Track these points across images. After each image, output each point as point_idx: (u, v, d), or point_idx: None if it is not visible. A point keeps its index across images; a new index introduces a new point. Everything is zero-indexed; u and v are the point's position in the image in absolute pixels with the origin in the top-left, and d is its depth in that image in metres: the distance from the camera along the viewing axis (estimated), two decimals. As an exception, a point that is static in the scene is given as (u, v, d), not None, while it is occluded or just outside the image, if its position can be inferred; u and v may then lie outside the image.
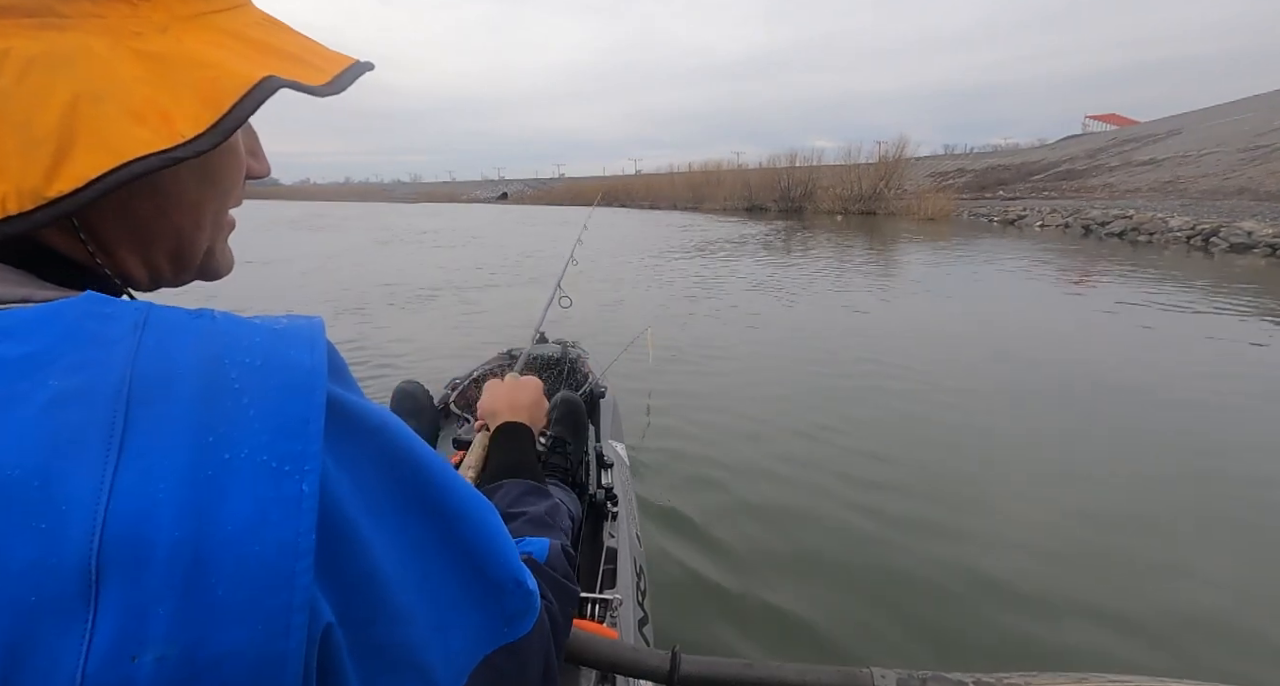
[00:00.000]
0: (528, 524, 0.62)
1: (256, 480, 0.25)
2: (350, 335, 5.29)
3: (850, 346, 5.23)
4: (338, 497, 0.27)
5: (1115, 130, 59.60)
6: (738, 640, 1.76)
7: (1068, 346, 5.24)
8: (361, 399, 0.31)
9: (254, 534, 0.24)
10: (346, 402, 0.30)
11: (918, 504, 2.52)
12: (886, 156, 38.11)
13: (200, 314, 0.29)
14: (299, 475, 0.25)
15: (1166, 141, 38.83)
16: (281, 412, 0.26)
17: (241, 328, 0.28)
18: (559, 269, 1.91)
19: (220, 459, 0.24)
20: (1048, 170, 42.15)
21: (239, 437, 0.25)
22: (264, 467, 0.25)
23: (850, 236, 18.26)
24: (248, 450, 0.25)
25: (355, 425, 0.30)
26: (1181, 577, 2.07)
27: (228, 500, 0.24)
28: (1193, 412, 3.65)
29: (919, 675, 0.61)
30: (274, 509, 0.24)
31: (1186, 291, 7.92)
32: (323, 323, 0.31)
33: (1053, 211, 22.70)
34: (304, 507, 0.25)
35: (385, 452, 0.31)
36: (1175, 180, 27.88)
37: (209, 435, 0.25)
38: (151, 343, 0.26)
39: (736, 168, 53.58)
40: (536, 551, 0.55)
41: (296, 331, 0.30)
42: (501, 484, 0.69)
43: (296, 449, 0.26)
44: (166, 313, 0.28)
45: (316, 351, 0.29)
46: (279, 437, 0.26)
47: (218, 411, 0.25)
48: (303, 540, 0.25)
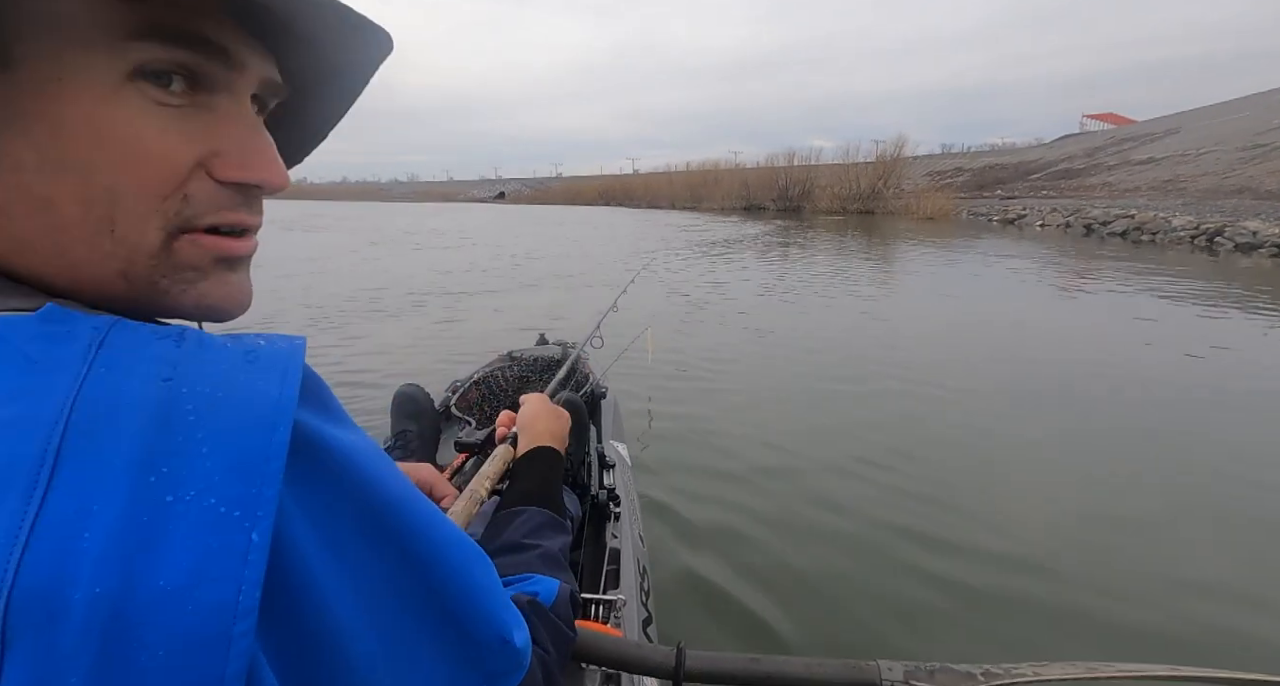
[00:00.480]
0: (540, 559, 0.59)
1: (200, 527, 0.22)
2: (326, 343, 5.04)
3: (852, 346, 5.20)
4: (296, 544, 0.25)
5: (1113, 129, 59.67)
6: (742, 638, 1.75)
7: (1071, 347, 5.18)
8: (340, 430, 0.29)
9: (188, 592, 0.21)
10: (317, 437, 0.27)
11: (922, 502, 2.52)
12: (885, 156, 38.09)
13: (169, 334, 0.26)
14: (250, 522, 0.23)
15: (1164, 140, 38.87)
16: (238, 450, 0.24)
17: (208, 352, 0.26)
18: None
19: (161, 501, 0.22)
20: (1046, 169, 42.18)
21: (187, 477, 0.22)
22: (211, 513, 0.22)
23: (851, 236, 18.19)
24: (195, 492, 0.22)
25: (325, 463, 0.27)
26: (1186, 573, 2.07)
27: (164, 550, 0.21)
28: (1210, 414, 3.61)
29: (926, 666, 0.60)
30: (216, 562, 0.22)
31: (1194, 292, 7.84)
32: (304, 344, 0.29)
33: (1053, 211, 22.67)
34: (250, 560, 0.22)
35: (357, 494, 0.28)
36: (1175, 179, 27.87)
37: (152, 474, 0.22)
38: (103, 368, 0.23)
39: (734, 167, 53.61)
40: (544, 592, 0.52)
41: (270, 357, 0.27)
42: (523, 510, 0.66)
43: (250, 492, 0.23)
44: (130, 332, 0.25)
45: (288, 380, 0.26)
46: (232, 478, 0.23)
47: (166, 447, 0.23)
48: (245, 598, 0.22)
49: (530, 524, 0.65)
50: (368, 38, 0.36)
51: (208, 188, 0.31)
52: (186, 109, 0.30)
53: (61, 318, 0.25)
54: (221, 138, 0.32)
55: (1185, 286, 8.22)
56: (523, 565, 0.58)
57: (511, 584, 0.54)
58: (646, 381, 3.87)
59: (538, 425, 0.81)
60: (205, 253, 0.32)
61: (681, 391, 3.91)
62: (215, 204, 0.32)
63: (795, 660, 0.63)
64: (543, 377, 1.97)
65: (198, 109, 0.31)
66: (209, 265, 0.32)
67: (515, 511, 0.67)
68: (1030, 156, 49.80)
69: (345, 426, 0.30)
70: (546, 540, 0.63)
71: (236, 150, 0.32)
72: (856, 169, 38.15)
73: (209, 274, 0.33)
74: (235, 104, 0.32)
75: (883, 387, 4.02)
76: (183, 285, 0.32)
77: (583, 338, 1.96)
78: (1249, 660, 1.68)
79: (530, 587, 0.53)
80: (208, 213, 0.32)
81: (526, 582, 0.54)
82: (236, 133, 0.32)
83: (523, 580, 0.54)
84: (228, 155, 0.32)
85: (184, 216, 0.31)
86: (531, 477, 0.74)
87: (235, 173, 0.32)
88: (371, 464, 0.30)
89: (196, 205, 0.31)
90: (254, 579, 0.22)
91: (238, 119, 0.32)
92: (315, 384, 0.29)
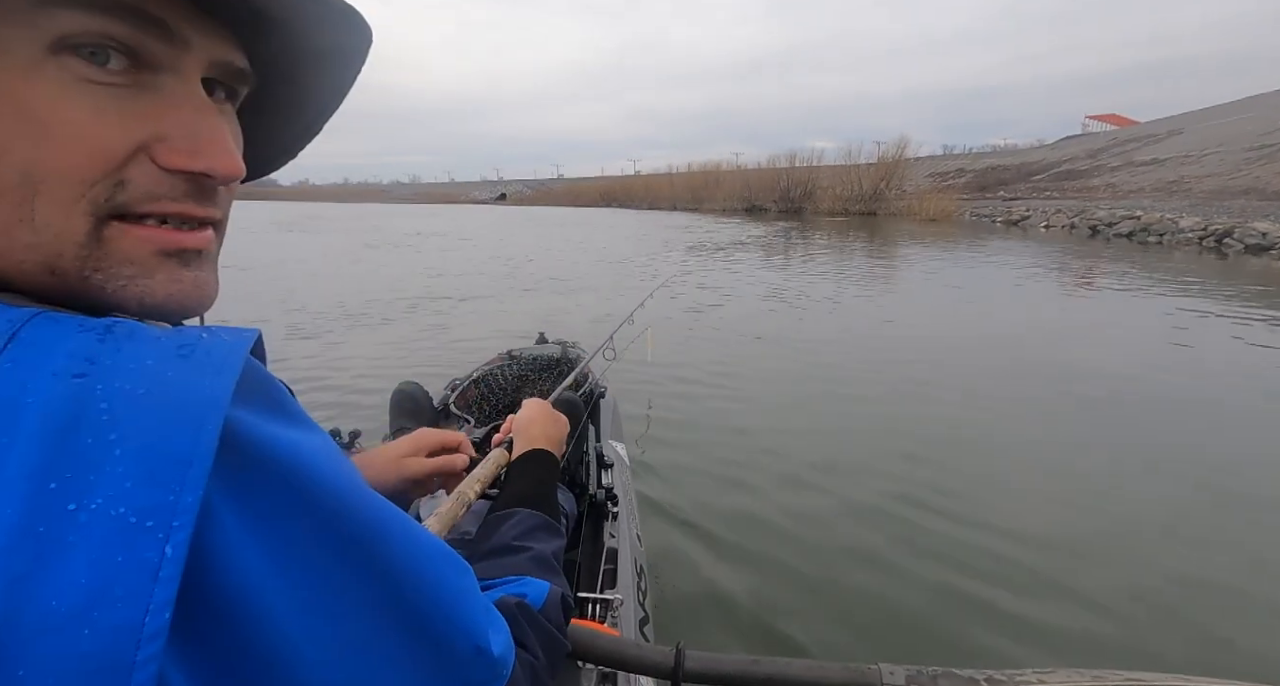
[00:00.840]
0: (532, 561, 0.56)
1: (106, 540, 0.20)
2: (303, 354, 4.81)
3: (852, 347, 5.14)
4: (230, 554, 0.23)
5: (1115, 130, 59.57)
6: (739, 639, 1.74)
7: (1079, 349, 5.04)
8: (288, 429, 0.27)
9: (84, 614, 0.19)
10: (255, 437, 0.24)
11: (924, 504, 2.47)
12: (887, 156, 37.93)
13: (95, 326, 0.24)
14: (163, 532, 0.21)
15: (1168, 141, 38.72)
16: (155, 453, 0.21)
17: (135, 345, 0.23)
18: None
19: (62, 511, 0.20)
20: (1048, 170, 42.05)
21: (94, 484, 0.20)
22: (119, 523, 0.20)
23: (854, 237, 18.02)
24: (102, 500, 0.20)
25: (265, 464, 0.25)
26: (1196, 581, 2.03)
27: (60, 566, 0.19)
28: (1225, 419, 3.49)
29: (929, 671, 0.59)
30: (119, 579, 0.20)
31: (1205, 295, 7.68)
32: (254, 336, 0.27)
33: (1057, 212, 22.50)
34: (161, 576, 0.20)
35: (304, 496, 0.26)
36: (1179, 180, 27.71)
37: (53, 480, 0.20)
38: (8, 364, 0.21)
39: (736, 168, 53.46)
40: (533, 594, 0.50)
41: (209, 350, 0.24)
42: (516, 512, 0.63)
43: (166, 500, 0.21)
44: (49, 326, 0.23)
45: (224, 375, 0.24)
46: (145, 485, 0.21)
47: (71, 451, 0.20)
48: (152, 619, 0.20)
49: (522, 526, 0.62)
50: (341, 20, 0.34)
51: (150, 174, 0.29)
52: (127, 88, 0.28)
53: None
54: (167, 121, 0.29)
55: (1204, 290, 8.05)
56: (512, 567, 0.55)
57: (498, 586, 0.51)
58: (646, 381, 3.82)
59: (534, 429, 0.78)
60: (144, 245, 0.29)
61: (682, 392, 3.86)
62: (156, 192, 0.29)
63: (796, 662, 0.62)
64: (542, 377, 1.96)
65: (140, 89, 0.28)
66: (151, 259, 0.30)
67: (507, 513, 0.63)
68: (1033, 157, 49.69)
69: (296, 425, 0.28)
70: (539, 543, 0.60)
71: (183, 135, 0.29)
72: (859, 170, 38.02)
73: (154, 269, 0.30)
74: (183, 85, 0.30)
75: (889, 391, 3.95)
76: (121, 280, 0.29)
77: (594, 347, 1.93)
78: (1258, 669, 1.66)
79: (518, 589, 0.50)
80: (145, 201, 0.29)
81: (515, 585, 0.51)
82: (183, 117, 0.29)
83: (511, 582, 0.52)
84: (173, 140, 0.29)
85: (116, 203, 0.28)
86: (525, 480, 0.71)
87: (181, 160, 0.29)
88: (322, 464, 0.27)
89: (133, 191, 0.28)
90: (164, 598, 0.20)
91: (185, 102, 0.30)
92: (260, 379, 0.26)
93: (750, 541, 2.21)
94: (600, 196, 69.12)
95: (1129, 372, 4.26)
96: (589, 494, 1.39)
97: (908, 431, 3.23)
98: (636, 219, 31.74)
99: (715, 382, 4.08)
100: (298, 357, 4.62)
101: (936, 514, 2.39)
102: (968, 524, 2.31)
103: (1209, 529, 2.33)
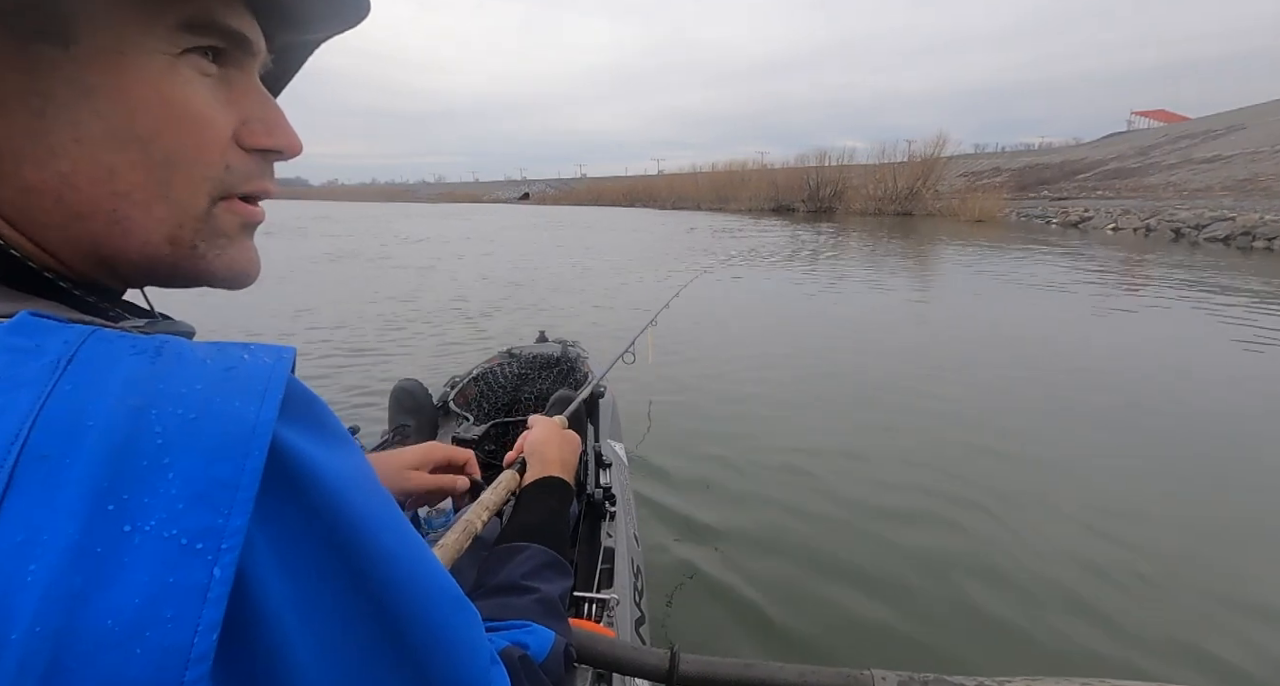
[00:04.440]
0: (539, 605, 0.54)
1: (158, 560, 0.21)
2: None
3: (855, 348, 4.91)
4: (261, 582, 0.23)
5: (1165, 127, 56.81)
6: (735, 641, 1.74)
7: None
8: (329, 452, 0.27)
9: (136, 634, 0.20)
10: (298, 462, 0.25)
11: (924, 509, 2.44)
12: (923, 154, 36.20)
13: (146, 347, 0.24)
14: (212, 555, 0.21)
15: (1228, 137, 36.43)
16: (207, 476, 0.22)
17: (184, 367, 0.24)
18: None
19: (118, 532, 0.20)
20: (1094, 168, 40.03)
21: (149, 506, 0.21)
22: (171, 544, 0.21)
23: (898, 240, 16.60)
24: (155, 522, 0.21)
25: (304, 492, 0.25)
26: (1187, 590, 1.98)
27: (114, 586, 0.20)
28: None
29: (920, 677, 0.60)
30: (170, 599, 0.20)
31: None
32: (292, 355, 0.27)
33: (1125, 213, 20.36)
34: (210, 598, 0.21)
35: (335, 530, 0.26)
36: (1253, 177, 25.64)
37: (111, 502, 0.21)
38: (69, 386, 0.22)
39: (762, 167, 52.06)
40: (536, 645, 0.49)
41: (251, 373, 0.25)
42: (525, 546, 0.61)
43: (216, 523, 0.21)
44: (104, 347, 0.24)
45: (268, 401, 0.24)
46: (197, 507, 0.21)
47: (128, 473, 0.21)
48: (200, 642, 0.20)
49: (533, 562, 0.59)
50: (347, 17, 0.38)
51: (241, 156, 0.33)
52: (221, 81, 0.33)
53: (32, 329, 0.23)
54: (247, 107, 0.34)
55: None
56: (518, 610, 0.53)
57: (502, 629, 0.50)
58: (646, 382, 3.74)
59: (548, 452, 0.76)
60: (236, 219, 0.34)
61: (682, 392, 3.80)
62: (249, 172, 0.34)
63: (789, 667, 0.62)
64: (541, 375, 1.95)
65: (226, 82, 0.33)
66: (238, 231, 0.34)
67: (516, 547, 0.61)
68: (1074, 155, 47.62)
69: (335, 445, 0.28)
70: (546, 583, 0.58)
71: (259, 118, 0.34)
72: (894, 168, 36.34)
73: (238, 240, 0.34)
74: (249, 78, 0.34)
75: (924, 406, 3.61)
76: (216, 250, 0.33)
77: (595, 347, 2.00)
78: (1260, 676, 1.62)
79: (523, 638, 0.48)
80: (243, 181, 0.33)
81: (519, 631, 0.49)
82: (258, 102, 0.34)
83: (515, 627, 0.51)
84: (254, 123, 0.34)
85: (227, 184, 0.33)
86: (536, 510, 0.69)
87: (263, 139, 0.34)
88: (353, 493, 0.27)
89: (236, 173, 0.33)
90: (212, 619, 0.21)
91: (255, 90, 0.34)
92: (303, 398, 0.27)
93: (748, 543, 2.20)
94: (623, 196, 68.34)
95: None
96: (587, 493, 1.34)
97: (929, 437, 3.12)
98: (660, 219, 30.53)
99: (715, 383, 3.97)
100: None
101: (943, 516, 2.37)
102: (970, 529, 2.29)
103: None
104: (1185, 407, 3.50)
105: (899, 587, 1.96)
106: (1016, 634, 1.77)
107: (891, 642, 1.74)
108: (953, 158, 37.16)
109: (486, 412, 1.81)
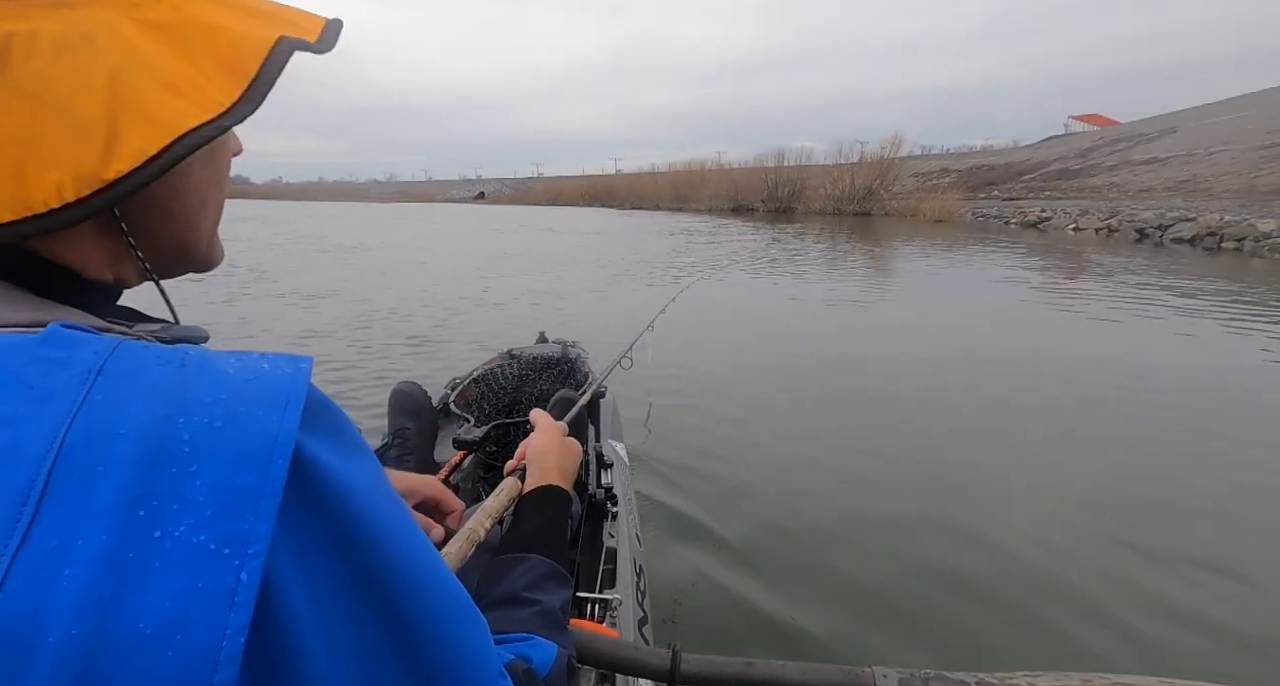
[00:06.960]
0: (540, 616, 0.54)
1: (187, 565, 0.21)
2: None
3: (853, 348, 4.99)
4: (281, 586, 0.24)
5: (1100, 130, 59.42)
6: (737, 640, 1.72)
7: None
8: (347, 460, 0.28)
9: (166, 637, 0.20)
10: (318, 470, 0.26)
11: (921, 506, 2.41)
12: (877, 155, 36.62)
13: (171, 357, 0.25)
14: (239, 559, 0.22)
15: (1162, 140, 38.11)
16: (232, 484, 0.22)
17: (209, 377, 0.25)
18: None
19: (149, 538, 0.21)
20: (1038, 170, 41.33)
21: (178, 513, 0.21)
22: (200, 550, 0.21)
23: (859, 240, 16.39)
24: (185, 527, 0.21)
25: (323, 500, 0.26)
26: (1187, 586, 1.96)
27: (146, 590, 0.20)
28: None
29: (921, 674, 0.60)
30: (199, 603, 0.21)
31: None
32: (310, 364, 0.28)
33: (1084, 213, 20.50)
34: (237, 602, 0.21)
35: (352, 537, 0.26)
36: (1191, 179, 26.70)
37: (142, 508, 0.21)
38: (100, 396, 0.23)
39: (721, 167, 51.98)
40: (539, 659, 0.48)
41: (273, 382, 0.26)
42: (526, 558, 0.61)
43: (242, 528, 0.22)
44: (131, 357, 0.25)
45: (290, 410, 0.25)
46: (224, 513, 0.22)
47: (158, 481, 0.22)
48: (229, 644, 0.21)
49: (534, 573, 0.59)
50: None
51: None
52: None
53: (64, 341, 0.24)
54: None
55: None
56: (521, 622, 0.53)
57: (508, 642, 0.50)
58: (646, 382, 3.67)
59: (549, 460, 0.76)
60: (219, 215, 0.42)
61: (682, 392, 3.79)
62: None
63: (790, 665, 0.63)
64: (542, 376, 1.93)
65: None
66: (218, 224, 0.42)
67: (518, 558, 0.61)
68: (1018, 157, 49.18)
69: (355, 455, 0.29)
70: (548, 594, 0.58)
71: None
72: (851, 168, 36.64)
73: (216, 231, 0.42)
74: None
75: (892, 392, 3.75)
76: (216, 247, 0.41)
77: (596, 348, 1.99)
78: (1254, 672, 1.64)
79: (527, 651, 0.48)
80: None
81: (524, 644, 0.49)
82: None
83: (519, 640, 0.50)
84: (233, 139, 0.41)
85: None
86: (538, 519, 0.69)
87: (238, 143, 0.40)
88: (368, 501, 0.28)
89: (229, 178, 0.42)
90: (239, 623, 0.21)
91: None
92: (322, 407, 0.28)
93: (749, 541, 2.17)
94: (581, 196, 67.43)
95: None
96: (589, 493, 1.34)
97: (919, 434, 3.15)
98: (620, 221, 29.75)
99: (715, 384, 4.00)
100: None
101: (939, 519, 2.31)
102: (970, 530, 2.24)
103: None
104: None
105: (900, 585, 1.95)
106: (1018, 629, 1.77)
107: (893, 639, 1.73)
108: (901, 159, 37.68)
109: (487, 414, 1.78)
